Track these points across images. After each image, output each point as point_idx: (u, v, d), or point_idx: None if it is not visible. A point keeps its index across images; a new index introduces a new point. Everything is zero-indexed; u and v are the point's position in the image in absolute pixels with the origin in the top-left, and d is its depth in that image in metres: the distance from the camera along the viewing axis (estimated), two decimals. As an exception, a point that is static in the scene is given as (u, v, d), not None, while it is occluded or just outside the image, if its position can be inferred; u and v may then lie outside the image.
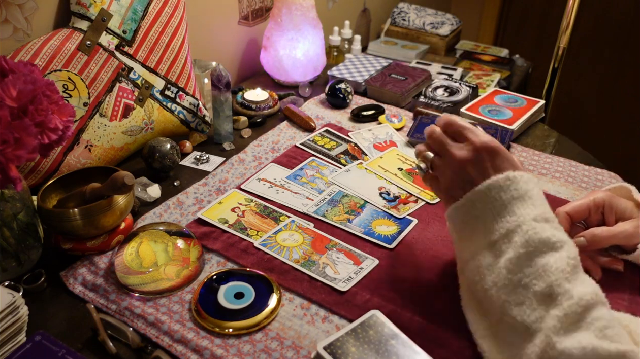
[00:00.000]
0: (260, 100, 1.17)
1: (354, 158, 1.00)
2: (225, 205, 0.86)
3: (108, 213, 0.74)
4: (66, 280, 0.73)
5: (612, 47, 2.43)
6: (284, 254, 0.76)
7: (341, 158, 1.00)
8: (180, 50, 1.00)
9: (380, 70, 1.35)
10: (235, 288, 0.70)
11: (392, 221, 0.84)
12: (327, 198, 0.89)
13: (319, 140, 1.05)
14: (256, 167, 0.98)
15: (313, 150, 1.02)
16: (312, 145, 1.03)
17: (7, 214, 0.70)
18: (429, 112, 1.14)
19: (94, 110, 0.90)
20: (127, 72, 0.93)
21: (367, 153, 1.02)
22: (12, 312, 0.61)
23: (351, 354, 0.60)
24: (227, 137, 1.06)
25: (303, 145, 1.03)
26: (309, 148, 1.02)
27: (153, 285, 0.70)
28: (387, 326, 0.64)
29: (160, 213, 0.86)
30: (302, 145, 1.03)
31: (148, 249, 0.74)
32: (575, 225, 0.78)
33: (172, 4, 0.98)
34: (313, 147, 1.02)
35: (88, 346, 0.64)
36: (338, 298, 0.70)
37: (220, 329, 0.65)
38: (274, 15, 1.28)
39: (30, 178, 0.85)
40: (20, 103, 0.62)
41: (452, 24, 1.75)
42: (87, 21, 0.88)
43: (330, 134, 1.07)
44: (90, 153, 0.90)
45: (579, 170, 0.99)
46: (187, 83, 1.02)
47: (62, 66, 0.85)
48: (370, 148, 1.03)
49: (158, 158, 0.92)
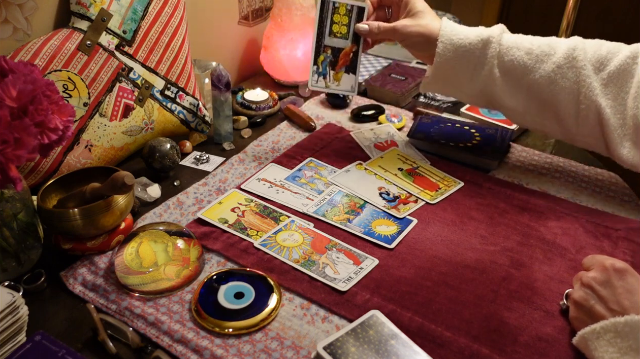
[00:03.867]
0: (260, 100, 1.17)
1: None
2: (225, 205, 0.86)
3: (108, 213, 0.74)
4: (66, 280, 0.73)
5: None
6: (284, 254, 0.76)
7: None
8: (180, 50, 1.00)
9: (380, 70, 1.35)
10: (235, 288, 0.70)
11: (392, 221, 0.84)
12: (327, 198, 0.89)
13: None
14: (256, 167, 0.98)
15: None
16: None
17: (7, 214, 0.70)
18: (429, 112, 1.14)
19: (94, 110, 0.90)
20: (127, 72, 0.93)
21: (368, 153, 1.02)
22: (12, 312, 0.61)
23: (351, 354, 0.60)
24: (227, 137, 1.06)
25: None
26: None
27: (153, 285, 0.70)
28: (387, 326, 0.64)
29: (160, 213, 0.86)
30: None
31: (148, 249, 0.74)
32: (383, 9, 0.97)
33: (172, 4, 0.98)
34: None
35: (88, 346, 0.64)
36: (338, 298, 0.70)
37: (220, 329, 0.65)
38: (274, 15, 1.28)
39: (30, 178, 0.85)
40: (20, 103, 0.62)
41: (452, 24, 1.75)
42: (87, 21, 0.88)
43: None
44: (90, 153, 0.90)
45: (579, 170, 0.99)
46: (187, 83, 1.02)
47: (62, 66, 0.85)
48: (371, 147, 1.03)
49: (158, 158, 0.92)
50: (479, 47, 0.88)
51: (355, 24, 0.94)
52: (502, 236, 0.81)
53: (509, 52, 0.87)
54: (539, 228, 0.83)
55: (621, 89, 0.82)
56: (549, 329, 0.66)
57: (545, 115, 0.89)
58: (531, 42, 0.88)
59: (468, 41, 0.88)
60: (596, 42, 0.86)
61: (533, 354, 0.63)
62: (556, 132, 0.91)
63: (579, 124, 0.86)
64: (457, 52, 0.89)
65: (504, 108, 0.92)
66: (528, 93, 0.88)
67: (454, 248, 0.79)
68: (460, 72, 0.91)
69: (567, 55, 0.85)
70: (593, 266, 0.66)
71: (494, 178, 0.96)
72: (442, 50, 0.89)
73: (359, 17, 0.95)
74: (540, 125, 0.91)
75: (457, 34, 0.89)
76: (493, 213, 0.86)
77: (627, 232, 0.82)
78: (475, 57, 0.89)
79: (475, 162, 0.99)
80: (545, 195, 0.91)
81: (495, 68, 0.88)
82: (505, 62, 0.88)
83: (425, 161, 1.00)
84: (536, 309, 0.69)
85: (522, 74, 0.87)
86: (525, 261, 0.77)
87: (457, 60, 0.90)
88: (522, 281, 0.73)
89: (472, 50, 0.89)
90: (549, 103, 0.87)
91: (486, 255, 0.78)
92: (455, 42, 0.89)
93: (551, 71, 0.85)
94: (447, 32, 0.89)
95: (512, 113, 0.92)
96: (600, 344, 0.59)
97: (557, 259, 0.77)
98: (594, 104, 0.83)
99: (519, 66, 0.87)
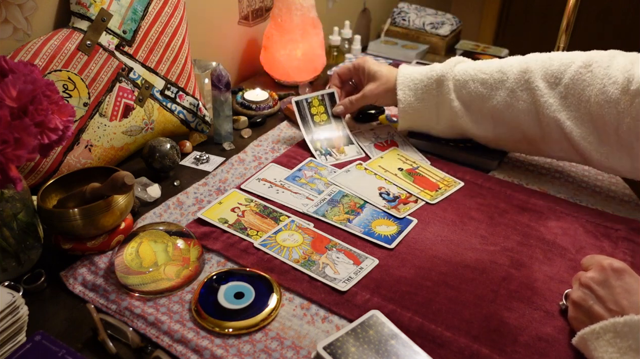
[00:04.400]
0: (260, 100, 1.17)
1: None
2: (225, 205, 0.86)
3: (108, 213, 0.74)
4: (66, 280, 0.73)
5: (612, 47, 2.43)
6: (283, 254, 0.76)
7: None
8: (180, 50, 1.00)
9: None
10: (235, 288, 0.70)
11: (392, 221, 0.84)
12: (327, 198, 0.89)
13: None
14: (256, 167, 0.98)
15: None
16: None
17: (7, 214, 0.70)
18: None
19: (94, 110, 0.90)
20: (127, 72, 0.93)
21: (368, 153, 1.02)
22: (12, 312, 0.61)
23: (351, 354, 0.60)
24: (227, 137, 1.06)
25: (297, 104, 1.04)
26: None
27: (153, 285, 0.70)
28: (387, 326, 0.64)
29: (160, 213, 0.86)
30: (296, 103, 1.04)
31: (148, 249, 0.74)
32: (347, 84, 1.09)
33: (172, 4, 0.98)
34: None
35: (88, 346, 0.64)
36: (338, 298, 0.70)
37: (220, 329, 0.65)
38: (274, 15, 1.28)
39: (30, 178, 0.85)
40: (20, 103, 0.62)
41: (452, 24, 1.75)
42: (87, 21, 0.88)
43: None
44: (90, 153, 0.90)
45: (579, 170, 0.99)
46: (187, 83, 1.02)
47: (62, 66, 0.85)
48: (371, 147, 1.03)
49: (158, 158, 0.92)
50: (434, 86, 0.95)
51: (331, 108, 1.05)
52: (502, 236, 0.81)
53: (465, 85, 0.92)
54: (539, 228, 0.83)
55: (580, 99, 0.84)
56: (549, 329, 0.66)
57: (514, 137, 0.93)
58: (484, 72, 0.92)
59: (423, 84, 0.96)
60: (547, 57, 0.89)
61: (533, 354, 0.63)
62: (532, 151, 0.95)
63: (546, 141, 0.90)
64: (416, 96, 0.97)
65: (477, 137, 0.97)
66: (492, 120, 0.92)
67: (454, 248, 0.79)
68: (425, 112, 0.97)
69: (519, 78, 0.89)
70: (591, 266, 0.66)
71: (494, 178, 0.96)
72: (402, 96, 0.97)
73: (332, 100, 1.06)
74: (515, 148, 0.96)
75: (413, 79, 0.96)
76: (493, 213, 0.86)
77: (627, 232, 0.82)
78: (433, 96, 0.96)
79: (475, 162, 0.99)
80: (545, 195, 0.91)
81: (454, 102, 0.93)
82: (464, 95, 0.93)
83: (425, 161, 1.00)
84: (536, 309, 0.69)
85: (482, 103, 0.92)
86: (525, 261, 0.77)
87: (418, 102, 0.97)
88: (522, 281, 0.73)
89: (428, 91, 0.96)
90: (514, 126, 0.91)
91: (486, 255, 0.78)
92: (411, 87, 0.96)
93: (506, 96, 0.89)
94: (403, 81, 0.97)
95: (486, 141, 0.97)
96: (600, 345, 0.59)
97: (557, 259, 0.77)
98: (554, 120, 0.86)
99: (477, 97, 0.92)
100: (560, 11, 1.50)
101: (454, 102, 0.94)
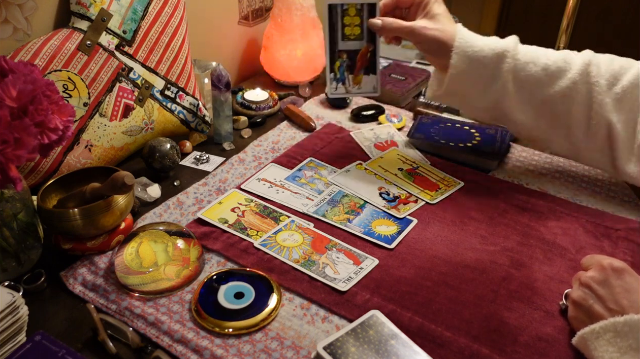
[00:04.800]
0: (260, 100, 1.17)
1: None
2: (225, 205, 0.86)
3: (108, 213, 0.74)
4: (66, 280, 0.73)
5: (612, 47, 2.43)
6: (283, 254, 0.76)
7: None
8: (180, 50, 1.00)
9: (380, 70, 1.35)
10: (235, 288, 0.70)
11: (392, 221, 0.84)
12: (327, 198, 0.89)
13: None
14: (256, 167, 0.98)
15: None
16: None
17: (7, 214, 0.70)
18: (428, 112, 1.14)
19: (94, 110, 0.90)
20: (127, 72, 0.93)
21: (368, 153, 1.02)
22: (12, 312, 0.61)
23: (351, 354, 0.60)
24: (227, 137, 1.06)
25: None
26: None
27: (153, 285, 0.70)
28: (387, 326, 0.64)
29: (160, 213, 0.86)
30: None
31: (148, 249, 0.74)
32: (401, 10, 0.93)
33: (172, 4, 0.98)
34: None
35: (88, 346, 0.64)
36: (338, 298, 0.70)
37: (220, 329, 0.65)
38: (274, 15, 1.28)
39: (30, 178, 0.85)
40: (20, 103, 0.62)
41: (452, 24, 1.74)
42: (87, 21, 0.88)
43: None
44: (90, 153, 0.90)
45: (579, 170, 0.99)
46: (187, 83, 1.02)
47: (62, 66, 0.85)
48: (371, 147, 1.03)
49: (158, 158, 0.92)
50: (494, 60, 0.86)
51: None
52: (502, 236, 0.81)
53: (525, 67, 0.86)
54: (539, 228, 0.83)
55: (633, 104, 0.82)
56: (549, 329, 0.66)
57: (554, 130, 0.88)
58: (547, 57, 0.87)
59: (482, 54, 0.87)
60: (608, 57, 0.86)
61: (533, 354, 0.63)
62: (562, 147, 0.90)
63: (589, 139, 0.86)
64: (471, 65, 0.87)
65: (511, 122, 0.91)
66: (540, 107, 0.87)
67: (454, 248, 0.79)
68: (473, 85, 0.89)
69: (582, 70, 0.84)
70: (591, 266, 0.66)
71: (494, 178, 0.96)
72: (456, 61, 0.87)
73: (371, 15, 0.90)
74: (547, 141, 0.91)
75: (472, 45, 0.87)
76: (493, 213, 0.86)
77: (627, 232, 0.82)
78: (489, 70, 0.87)
79: (475, 162, 0.99)
80: (545, 195, 0.91)
81: (509, 82, 0.87)
82: (521, 76, 0.86)
83: (425, 161, 1.00)
84: (536, 309, 0.69)
85: (538, 89, 0.86)
86: (525, 261, 0.77)
87: (470, 72, 0.88)
88: (522, 281, 0.73)
89: (486, 63, 0.87)
90: (561, 118, 0.87)
91: (486, 255, 0.78)
92: (469, 55, 0.87)
93: (566, 87, 0.85)
94: (462, 44, 0.87)
95: (520, 128, 0.91)
96: (600, 344, 0.59)
97: (557, 259, 0.77)
98: (605, 120, 0.83)
99: (535, 81, 0.86)
100: (560, 11, 1.50)
101: (509, 83, 0.86)
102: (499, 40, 0.89)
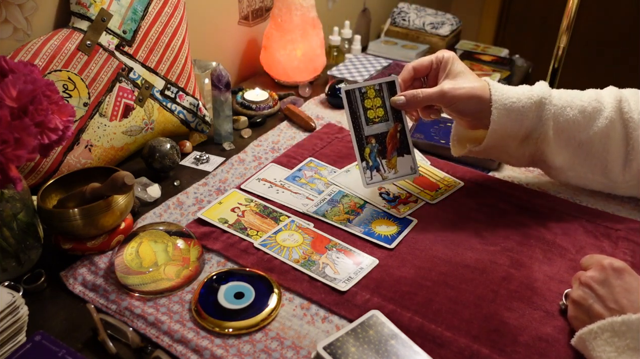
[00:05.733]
0: (260, 100, 1.17)
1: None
2: (225, 205, 0.86)
3: (108, 213, 0.74)
4: (66, 280, 0.73)
5: (612, 47, 2.43)
6: (283, 254, 0.76)
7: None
8: (180, 50, 1.00)
9: (380, 70, 1.35)
10: (235, 288, 0.70)
11: (392, 221, 0.84)
12: (327, 198, 0.89)
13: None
14: (256, 167, 0.98)
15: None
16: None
17: (7, 214, 0.70)
18: (429, 112, 1.14)
19: (94, 110, 0.90)
20: (127, 72, 0.93)
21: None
22: (12, 312, 0.61)
23: (351, 354, 0.60)
24: (227, 137, 1.06)
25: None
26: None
27: (153, 285, 0.70)
28: (387, 326, 0.64)
29: (160, 213, 0.86)
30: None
31: (148, 249, 0.74)
32: (418, 81, 0.88)
33: (172, 4, 0.98)
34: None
35: (88, 346, 0.64)
36: (338, 298, 0.70)
37: (220, 329, 0.65)
38: (274, 15, 1.28)
39: (30, 178, 0.85)
40: (20, 103, 0.62)
41: (452, 24, 1.75)
42: (87, 21, 0.88)
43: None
44: (90, 153, 0.90)
45: (579, 170, 0.98)
46: (187, 83, 1.02)
47: (62, 66, 0.85)
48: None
49: (158, 158, 0.92)
50: (533, 109, 0.82)
51: (389, 101, 0.85)
52: (502, 236, 0.81)
53: (563, 112, 0.83)
54: (539, 228, 0.83)
55: None
56: (549, 329, 0.66)
57: (590, 168, 0.86)
58: (580, 99, 0.84)
59: (521, 104, 0.82)
60: (633, 92, 0.85)
61: (533, 354, 0.63)
62: (598, 183, 0.88)
63: (626, 173, 0.85)
64: (510, 117, 0.82)
65: (548, 167, 0.89)
66: (577, 149, 0.85)
67: (454, 248, 0.79)
68: (514, 137, 0.85)
69: (616, 107, 0.83)
70: (591, 265, 0.66)
71: (494, 178, 0.96)
72: (497, 116, 0.82)
73: (392, 93, 0.85)
74: (583, 179, 0.89)
75: (509, 97, 0.82)
76: (493, 213, 0.86)
77: (627, 232, 0.82)
78: (529, 120, 0.83)
79: (475, 162, 0.99)
80: (545, 195, 0.91)
81: (550, 129, 0.83)
82: (561, 122, 0.83)
83: (425, 161, 1.00)
84: (536, 309, 0.69)
85: (577, 132, 0.84)
86: (525, 261, 0.77)
87: (511, 125, 0.83)
88: (522, 281, 0.73)
89: (525, 113, 0.82)
90: (598, 157, 0.85)
91: (486, 255, 0.78)
92: (508, 107, 0.82)
93: (604, 126, 0.83)
94: (499, 97, 0.82)
95: (557, 172, 0.89)
96: (598, 344, 0.59)
97: (557, 259, 0.77)
98: None
99: (574, 125, 0.83)
100: (560, 11, 1.50)
101: (550, 129, 0.83)
102: (530, 88, 0.85)
